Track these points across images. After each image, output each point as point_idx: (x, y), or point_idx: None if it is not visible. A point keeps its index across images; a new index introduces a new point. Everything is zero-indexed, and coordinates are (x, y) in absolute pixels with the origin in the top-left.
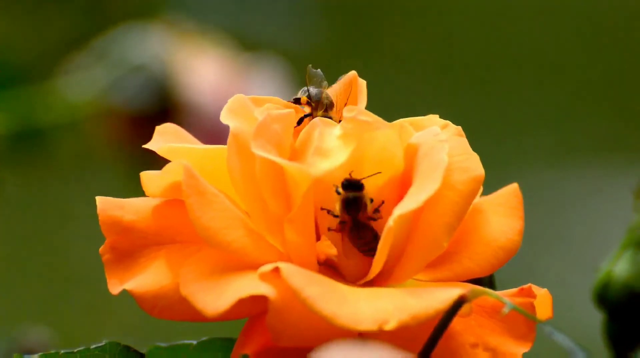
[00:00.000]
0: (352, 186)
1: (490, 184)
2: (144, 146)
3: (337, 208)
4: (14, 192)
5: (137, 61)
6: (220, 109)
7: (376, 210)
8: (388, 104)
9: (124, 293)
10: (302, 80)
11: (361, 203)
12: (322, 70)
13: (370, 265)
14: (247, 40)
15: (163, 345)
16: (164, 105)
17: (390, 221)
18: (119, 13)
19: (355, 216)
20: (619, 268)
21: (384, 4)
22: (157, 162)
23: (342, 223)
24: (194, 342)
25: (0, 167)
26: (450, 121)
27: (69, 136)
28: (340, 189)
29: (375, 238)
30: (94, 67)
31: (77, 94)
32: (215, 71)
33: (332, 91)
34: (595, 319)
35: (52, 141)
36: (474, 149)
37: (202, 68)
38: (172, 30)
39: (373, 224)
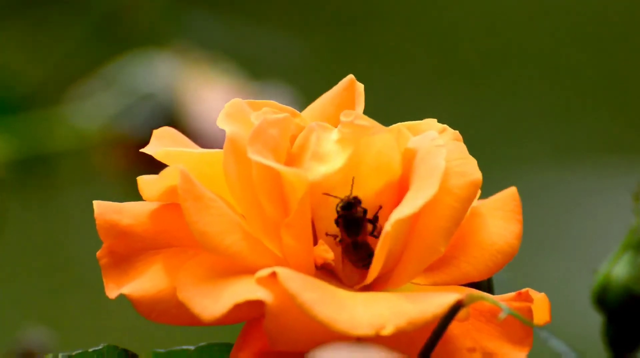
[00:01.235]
0: (350, 206)
1: (490, 185)
2: (141, 150)
3: (335, 225)
4: (19, 214)
5: (145, 89)
6: None
7: (375, 227)
8: (388, 105)
9: (123, 296)
10: (304, 99)
11: (361, 224)
12: (323, 79)
13: (367, 269)
14: (255, 66)
15: (161, 350)
16: None
17: (388, 226)
18: (128, 40)
19: (355, 238)
20: (618, 270)
21: (382, 8)
22: None
23: (340, 241)
24: (192, 348)
25: (7, 191)
26: (450, 121)
27: (76, 162)
28: (339, 209)
29: (370, 256)
30: (102, 94)
31: (85, 121)
32: (223, 100)
33: (330, 95)
34: (595, 320)
35: (59, 167)
36: (474, 150)
37: (210, 96)
38: (180, 58)
39: (371, 239)
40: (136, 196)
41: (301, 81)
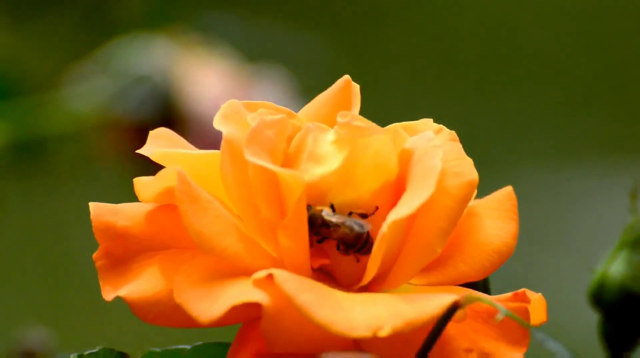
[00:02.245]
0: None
1: (489, 185)
2: (137, 151)
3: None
4: (16, 200)
5: (140, 72)
6: None
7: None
8: (389, 105)
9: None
10: (304, 90)
11: (316, 218)
12: (323, 76)
13: (364, 270)
14: (251, 50)
15: (157, 350)
16: (167, 116)
17: (384, 227)
18: (123, 23)
19: (319, 229)
20: (614, 268)
21: (382, 9)
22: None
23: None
24: (188, 347)
25: (4, 176)
26: (449, 121)
27: (72, 146)
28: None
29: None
30: (98, 77)
31: (81, 105)
32: (218, 82)
33: (326, 96)
34: (593, 319)
35: (55, 151)
36: (474, 149)
37: (206, 79)
38: (176, 42)
39: (371, 226)
40: (131, 181)
41: (300, 77)
